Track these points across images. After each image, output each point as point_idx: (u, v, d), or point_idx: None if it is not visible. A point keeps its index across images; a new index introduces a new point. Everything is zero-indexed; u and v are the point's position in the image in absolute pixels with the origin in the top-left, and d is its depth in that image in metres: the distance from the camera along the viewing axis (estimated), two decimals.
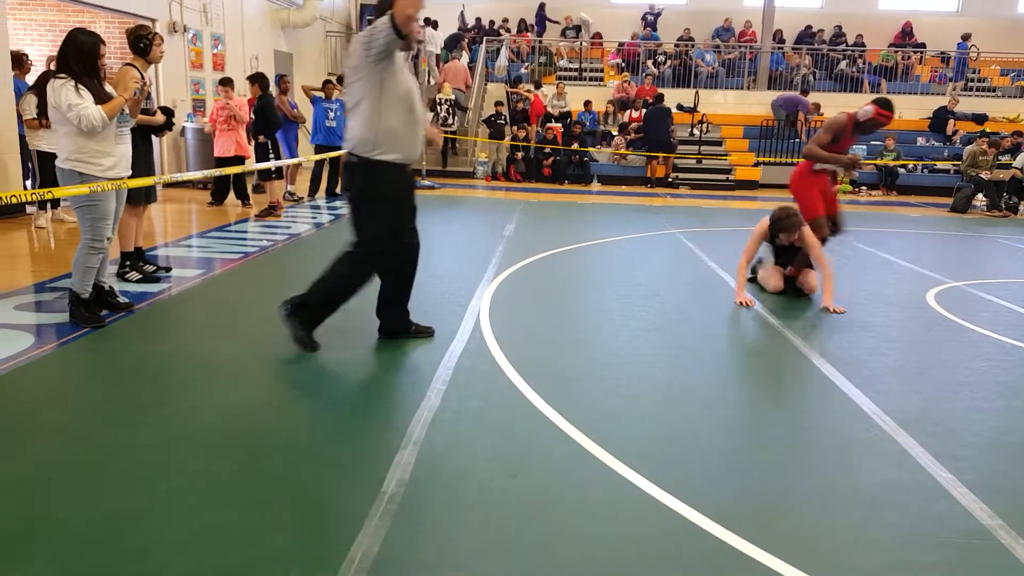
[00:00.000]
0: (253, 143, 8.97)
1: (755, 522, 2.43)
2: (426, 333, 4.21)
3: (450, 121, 14.30)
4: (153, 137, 5.51)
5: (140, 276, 5.32)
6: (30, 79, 8.05)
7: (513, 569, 2.14)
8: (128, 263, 5.34)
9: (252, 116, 9.08)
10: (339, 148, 10.62)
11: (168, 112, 5.52)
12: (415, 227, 4.01)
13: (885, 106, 5.42)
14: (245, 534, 2.25)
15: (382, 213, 3.74)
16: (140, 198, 5.24)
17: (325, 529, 2.29)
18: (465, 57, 16.31)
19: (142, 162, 5.14)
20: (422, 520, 2.37)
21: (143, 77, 4.67)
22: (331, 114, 10.37)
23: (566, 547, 2.26)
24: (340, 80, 11.29)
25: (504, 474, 2.69)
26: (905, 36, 18.50)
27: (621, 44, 17.92)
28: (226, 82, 8.95)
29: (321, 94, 10.47)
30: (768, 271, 5.77)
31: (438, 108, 14.25)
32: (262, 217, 8.62)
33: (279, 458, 2.75)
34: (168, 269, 5.62)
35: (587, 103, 15.11)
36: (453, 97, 14.34)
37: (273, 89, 10.31)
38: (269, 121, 9.04)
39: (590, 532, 2.34)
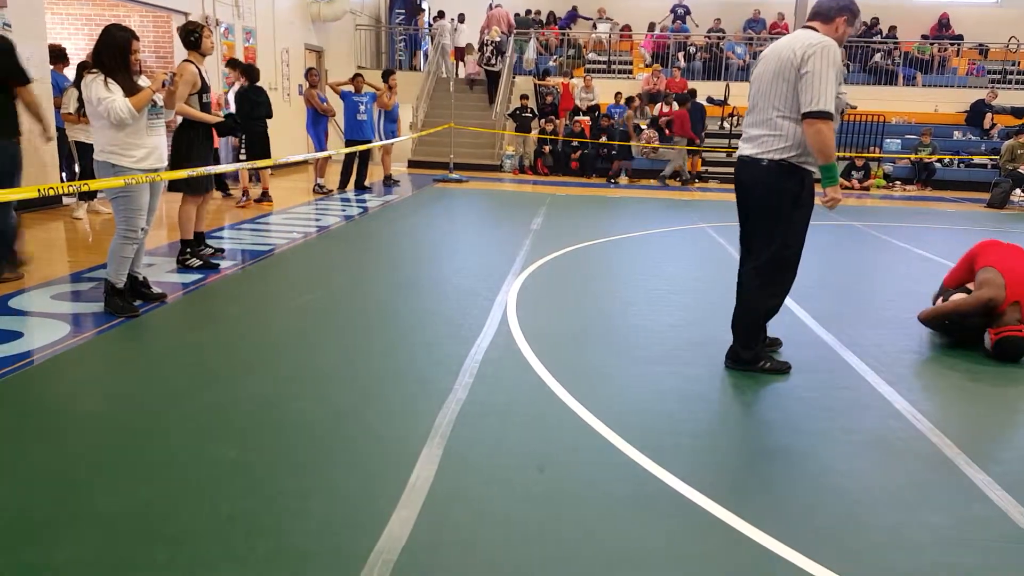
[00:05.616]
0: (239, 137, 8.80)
1: (785, 521, 2.39)
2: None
3: (493, 62, 14.61)
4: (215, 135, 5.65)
5: (200, 262, 5.52)
6: (68, 73, 8.20)
7: (539, 564, 2.14)
8: (188, 250, 5.50)
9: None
10: (369, 141, 10.68)
11: (232, 118, 5.71)
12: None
13: None
14: (274, 524, 2.27)
15: (801, 220, 3.63)
16: (201, 188, 5.47)
17: (352, 521, 2.30)
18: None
19: (201, 154, 5.31)
20: (448, 514, 2.37)
21: (200, 72, 4.83)
22: (361, 107, 10.40)
23: (592, 543, 2.24)
24: (388, 74, 11.38)
25: (531, 468, 2.68)
26: (942, 27, 18.09)
27: (652, 25, 17.76)
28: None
29: (351, 88, 10.51)
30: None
31: (484, 49, 14.60)
32: (262, 203, 8.87)
33: (308, 449, 2.77)
34: (222, 251, 5.85)
35: (617, 95, 15.00)
36: (499, 39, 14.62)
37: (303, 82, 10.34)
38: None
39: (617, 528, 2.33)
